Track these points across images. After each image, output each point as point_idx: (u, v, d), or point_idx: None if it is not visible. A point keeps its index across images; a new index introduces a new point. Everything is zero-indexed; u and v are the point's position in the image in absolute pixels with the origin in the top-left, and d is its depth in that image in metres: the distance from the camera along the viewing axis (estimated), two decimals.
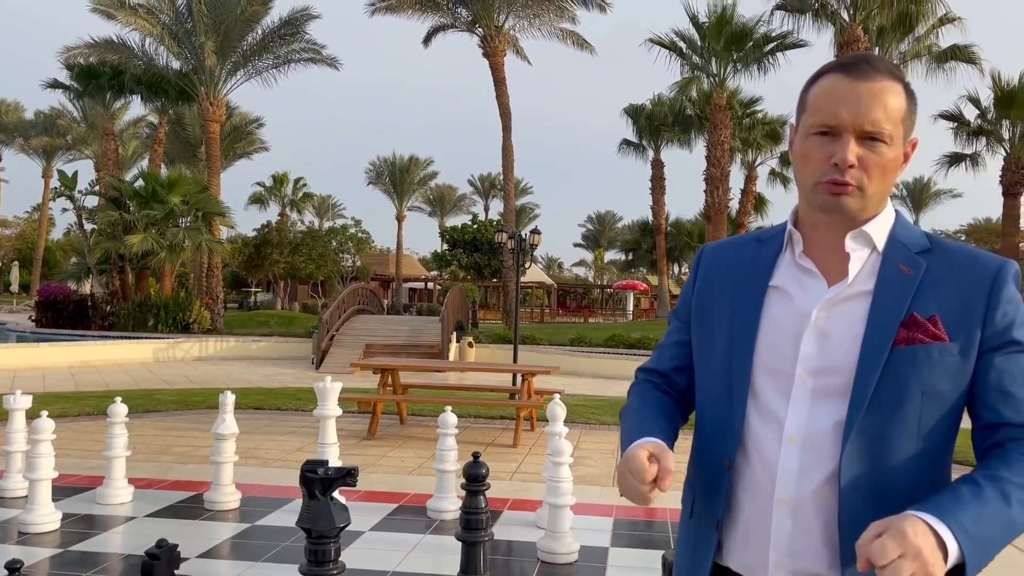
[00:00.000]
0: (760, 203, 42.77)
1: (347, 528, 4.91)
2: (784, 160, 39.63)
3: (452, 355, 19.50)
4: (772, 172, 40.93)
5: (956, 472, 1.28)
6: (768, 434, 1.30)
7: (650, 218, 37.35)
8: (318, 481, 2.73)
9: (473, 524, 3.80)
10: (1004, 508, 1.14)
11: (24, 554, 4.24)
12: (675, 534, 4.18)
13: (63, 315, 24.07)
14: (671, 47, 27.67)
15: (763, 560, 1.30)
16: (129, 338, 20.35)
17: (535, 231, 14.50)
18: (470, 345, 19.97)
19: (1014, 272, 1.29)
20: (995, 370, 1.25)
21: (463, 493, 3.82)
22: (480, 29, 26.08)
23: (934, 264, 1.30)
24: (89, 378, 14.41)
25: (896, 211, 1.37)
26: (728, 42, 26.43)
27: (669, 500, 4.81)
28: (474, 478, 3.82)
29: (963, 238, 52.76)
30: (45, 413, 4.75)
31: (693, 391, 1.48)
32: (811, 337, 1.29)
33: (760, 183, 40.32)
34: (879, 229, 1.33)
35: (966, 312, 1.26)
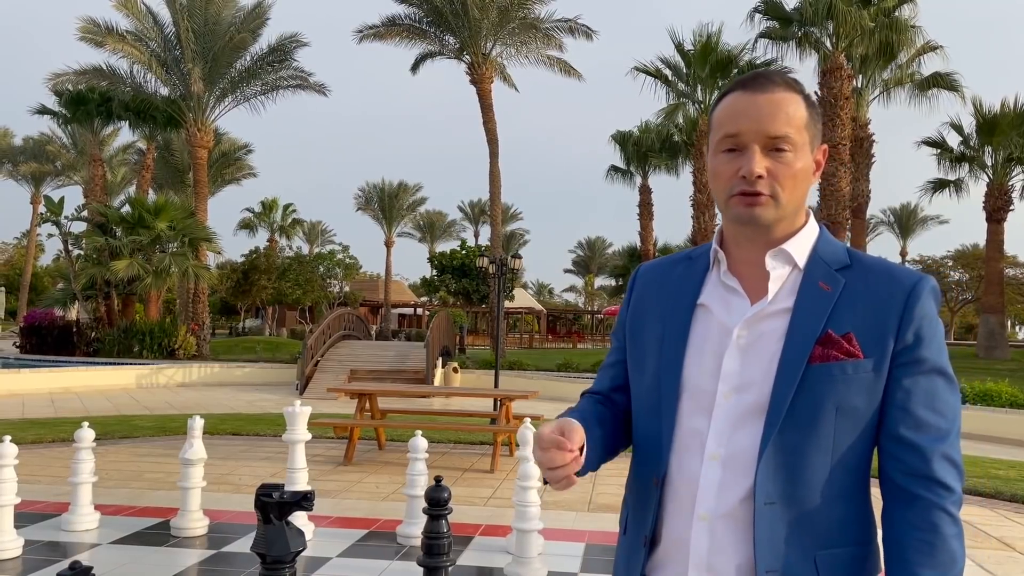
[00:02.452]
0: None
1: (314, 555, 4.88)
2: None
3: (437, 380, 19.43)
4: None
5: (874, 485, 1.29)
6: (692, 451, 1.31)
7: (639, 244, 37.43)
8: (274, 505, 2.70)
9: (435, 549, 3.75)
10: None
11: None
12: None
13: (48, 341, 23.91)
14: (656, 75, 27.95)
15: (686, 573, 1.30)
16: (112, 364, 20.20)
17: (516, 255, 14.54)
18: (455, 371, 19.90)
19: (930, 288, 1.29)
20: (901, 388, 1.26)
21: None
22: (467, 56, 26.31)
23: (852, 281, 1.30)
24: (69, 404, 14.28)
25: (821, 227, 1.38)
26: (713, 69, 26.72)
27: None
28: (436, 502, 3.78)
29: (950, 263, 53.11)
30: (8, 438, 4.69)
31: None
32: (732, 354, 1.30)
33: None
34: (800, 246, 1.33)
35: (880, 328, 1.26)
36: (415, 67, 28.11)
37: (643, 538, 1.36)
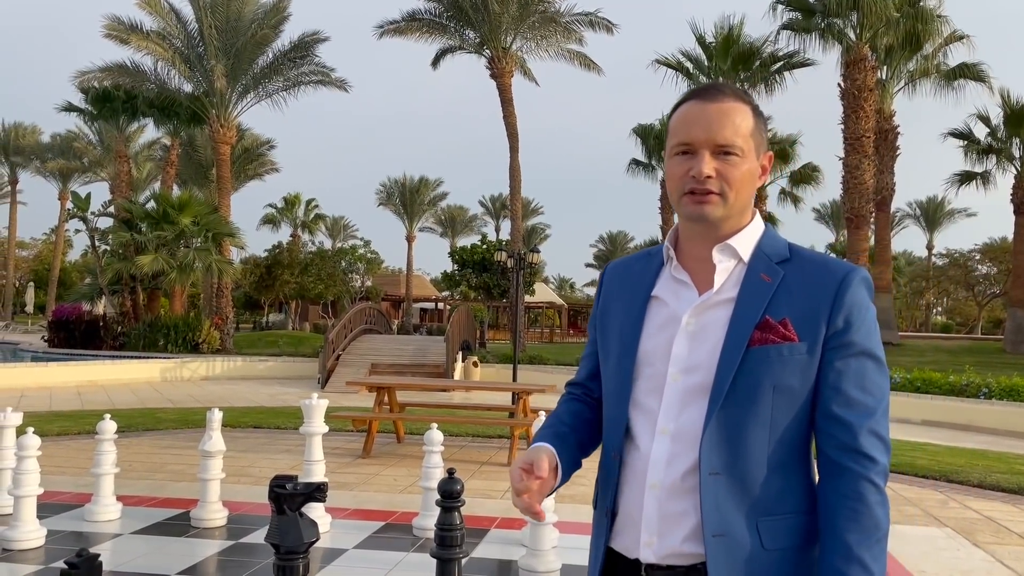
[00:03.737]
0: (771, 222, 42.64)
1: (331, 546, 4.93)
2: (794, 179, 39.60)
3: (457, 374, 19.49)
4: (782, 191, 40.87)
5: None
6: (645, 427, 1.44)
7: (660, 237, 37.33)
8: (287, 496, 2.75)
9: (447, 541, 3.78)
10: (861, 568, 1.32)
11: (7, 571, 4.27)
12: None
13: (75, 335, 24.25)
14: (678, 67, 27.78)
15: (636, 541, 1.43)
16: (137, 358, 20.47)
17: (534, 250, 14.56)
18: (475, 365, 19.95)
19: (860, 278, 1.41)
20: (833, 369, 1.38)
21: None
22: (488, 51, 26.29)
23: (791, 272, 1.43)
24: (95, 397, 14.50)
25: (765, 224, 1.51)
26: (735, 62, 26.51)
27: None
28: (448, 494, 3.80)
29: (977, 257, 52.35)
30: (31, 430, 4.78)
31: None
32: (682, 340, 1.43)
33: (770, 203, 40.27)
34: (745, 242, 1.46)
35: (813, 314, 1.38)
36: (435, 62, 28.13)
37: (606, 510, 1.49)
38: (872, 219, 24.51)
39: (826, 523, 1.38)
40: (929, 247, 61.77)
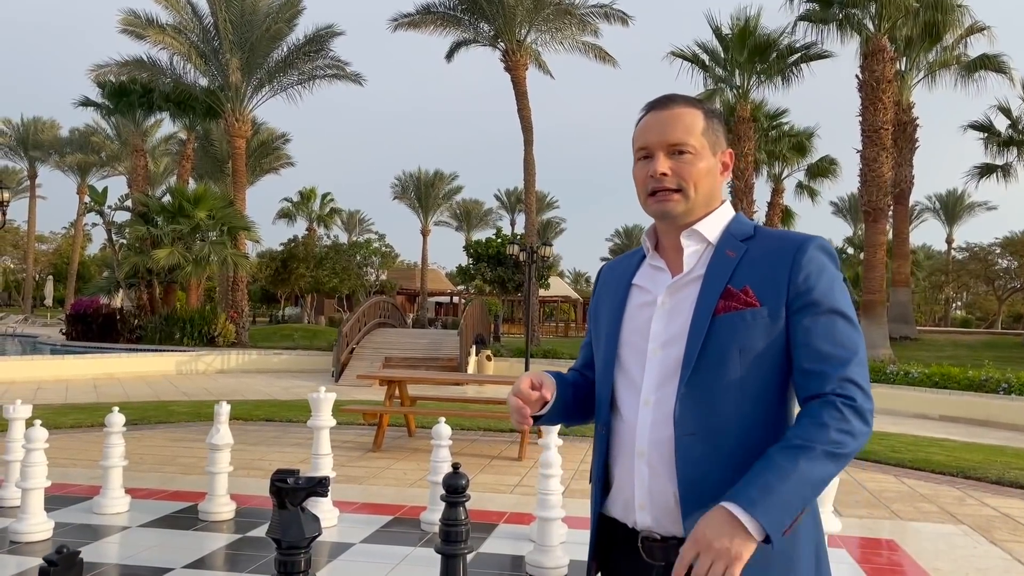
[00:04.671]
0: (787, 216, 42.29)
1: (338, 540, 4.91)
2: (811, 172, 39.25)
3: (471, 368, 19.47)
4: (799, 185, 40.51)
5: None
6: (630, 400, 1.57)
7: None
8: (288, 491, 2.71)
9: (452, 536, 3.73)
10: (791, 470, 1.34)
11: (15, 563, 4.27)
12: None
13: (92, 328, 24.44)
14: (693, 59, 27.56)
15: (631, 505, 1.54)
16: (153, 351, 20.59)
17: (545, 243, 14.50)
18: (488, 358, 19.92)
19: (816, 244, 1.50)
20: (801, 328, 1.46)
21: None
22: (502, 43, 26.20)
23: (753, 247, 1.54)
24: (111, 390, 14.59)
25: (737, 212, 1.63)
26: (751, 53, 26.26)
27: None
28: (453, 489, 3.75)
29: (998, 251, 51.67)
30: (38, 423, 4.78)
31: None
32: (658, 317, 1.57)
33: (787, 195, 39.96)
34: (712, 227, 1.58)
35: (773, 280, 1.48)
36: (450, 55, 28.06)
37: (599, 479, 1.62)
38: (890, 212, 24.23)
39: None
40: (949, 241, 61.09)
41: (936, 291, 58.23)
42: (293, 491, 2.80)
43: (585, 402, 1.74)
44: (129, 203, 26.68)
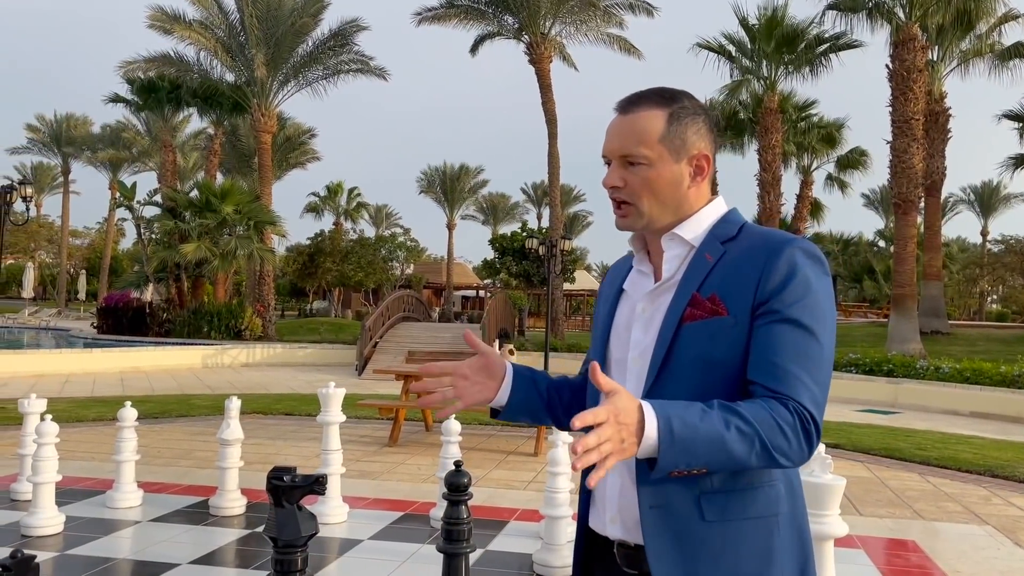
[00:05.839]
0: (816, 208, 41.75)
1: (347, 536, 4.89)
2: (841, 164, 38.67)
3: None
4: (829, 177, 39.95)
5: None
6: None
7: None
8: (284, 489, 2.68)
9: (454, 535, 3.68)
10: (719, 429, 1.25)
11: None
12: None
13: (123, 322, 24.75)
14: (720, 51, 27.23)
15: (604, 516, 1.50)
16: (179, 344, 20.81)
17: (565, 236, 14.40)
18: (511, 352, 19.84)
19: (797, 247, 1.39)
20: (759, 338, 1.37)
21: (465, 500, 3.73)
22: (526, 36, 26.07)
23: (732, 249, 1.45)
24: (137, 383, 14.76)
25: (730, 209, 1.53)
26: (779, 44, 25.89)
27: None
28: (455, 487, 3.70)
29: None
30: (49, 417, 4.81)
31: None
32: (638, 325, 1.51)
33: (816, 188, 39.41)
34: (693, 228, 1.49)
35: (743, 286, 1.39)
36: (474, 49, 28.00)
37: (586, 493, 1.57)
38: (921, 205, 23.78)
39: None
40: (983, 233, 59.91)
41: (970, 284, 57.14)
42: (289, 489, 2.77)
43: (567, 406, 1.67)
44: (158, 198, 27.00)
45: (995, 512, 6.17)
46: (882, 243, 55.60)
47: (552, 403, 1.64)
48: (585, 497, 1.57)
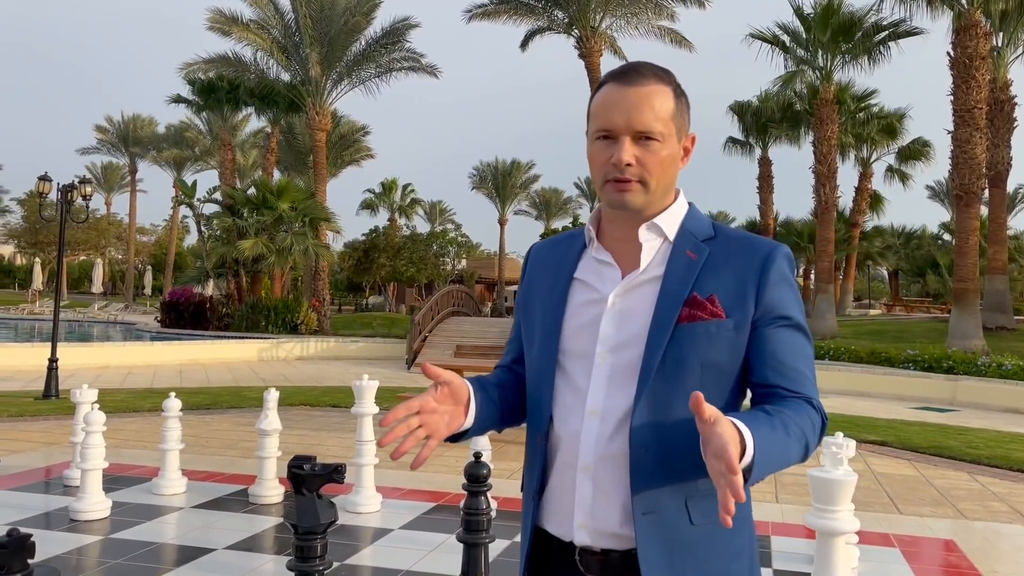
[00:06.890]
0: (876, 201, 40.72)
1: (379, 526, 5.01)
2: (902, 156, 37.62)
3: None
4: (889, 168, 38.93)
5: None
6: (573, 409, 1.44)
7: (758, 218, 36.12)
8: (305, 478, 2.79)
9: (473, 526, 3.77)
10: (784, 437, 1.28)
11: (72, 540, 4.51)
12: None
13: (184, 316, 25.51)
14: (773, 41, 26.73)
15: (570, 523, 1.42)
16: (237, 338, 21.36)
17: None
18: None
19: (784, 254, 1.43)
20: (768, 342, 1.39)
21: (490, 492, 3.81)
22: (576, 31, 25.99)
23: (716, 250, 1.43)
24: (195, 375, 15.23)
25: (689, 204, 1.50)
26: (835, 33, 25.29)
27: None
28: (475, 478, 3.79)
29: None
30: (96, 406, 5.04)
31: None
32: (609, 319, 1.43)
33: (876, 180, 38.46)
34: (670, 221, 1.46)
35: (741, 291, 1.39)
36: (524, 44, 28.01)
37: (533, 491, 1.49)
38: (985, 196, 23.00)
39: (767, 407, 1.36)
40: None
41: None
42: (309, 478, 2.88)
43: (514, 406, 1.58)
44: (217, 195, 27.73)
45: None
46: (947, 236, 53.90)
47: (503, 407, 1.56)
48: (534, 501, 1.48)
